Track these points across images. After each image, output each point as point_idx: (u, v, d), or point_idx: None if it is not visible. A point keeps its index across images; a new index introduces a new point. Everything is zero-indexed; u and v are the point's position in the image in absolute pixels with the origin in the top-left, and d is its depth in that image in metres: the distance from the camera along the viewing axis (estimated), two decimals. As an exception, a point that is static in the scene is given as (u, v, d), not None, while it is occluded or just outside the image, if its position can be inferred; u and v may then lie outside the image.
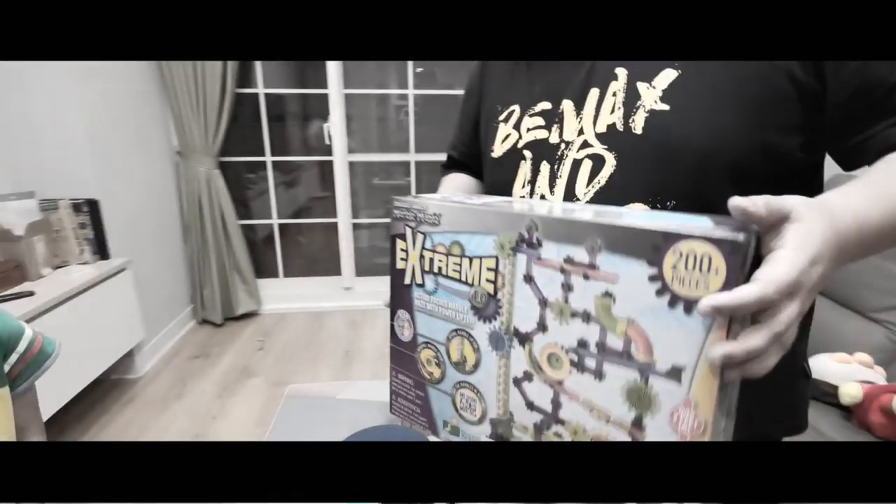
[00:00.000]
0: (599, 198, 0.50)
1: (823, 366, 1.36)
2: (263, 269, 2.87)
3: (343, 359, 2.27)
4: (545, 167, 0.54)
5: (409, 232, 0.49)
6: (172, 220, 2.49)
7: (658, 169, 0.47)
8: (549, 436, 0.41)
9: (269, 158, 2.70)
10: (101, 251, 1.84)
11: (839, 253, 0.35)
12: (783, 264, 0.30)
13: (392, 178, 3.02)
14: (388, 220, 2.74)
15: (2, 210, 1.54)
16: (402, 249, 0.49)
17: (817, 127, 0.46)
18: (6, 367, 0.64)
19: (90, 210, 1.78)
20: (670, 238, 0.32)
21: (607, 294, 0.35)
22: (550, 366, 0.40)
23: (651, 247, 0.33)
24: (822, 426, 1.23)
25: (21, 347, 0.67)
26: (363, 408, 0.72)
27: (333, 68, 2.53)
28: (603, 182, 0.49)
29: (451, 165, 0.79)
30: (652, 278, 0.33)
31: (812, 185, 0.51)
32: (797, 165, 0.48)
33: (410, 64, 2.61)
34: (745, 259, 0.31)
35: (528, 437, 0.43)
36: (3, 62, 1.68)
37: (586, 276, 0.36)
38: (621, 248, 0.34)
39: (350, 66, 2.62)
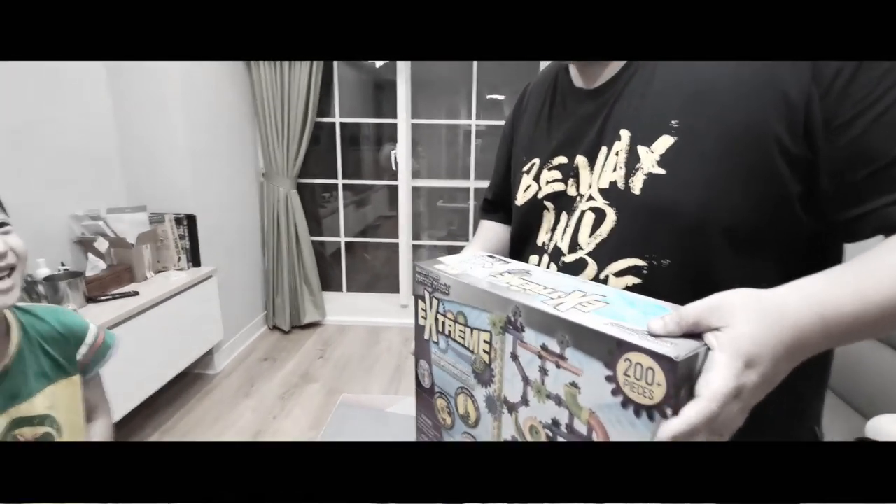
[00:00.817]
0: (600, 249, 0.54)
1: (886, 427, 1.26)
2: (329, 282, 3.09)
3: (394, 373, 2.39)
4: (564, 217, 0.59)
5: (427, 295, 0.53)
6: (254, 234, 2.77)
7: (653, 229, 0.50)
8: None
9: (340, 181, 2.94)
10: (195, 259, 2.11)
11: (794, 348, 0.35)
12: (720, 373, 0.32)
13: (455, 202, 3.15)
14: (447, 242, 2.87)
15: (119, 220, 1.84)
16: (423, 309, 0.54)
17: (818, 195, 0.45)
18: (78, 357, 0.78)
19: (188, 223, 2.06)
20: (622, 346, 0.34)
21: (573, 384, 0.38)
22: (531, 435, 0.44)
23: (607, 350, 0.35)
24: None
25: (89, 340, 0.79)
26: (407, 423, 0.77)
27: (403, 99, 2.72)
28: (604, 235, 0.53)
29: (487, 209, 0.86)
30: (608, 378, 0.35)
31: (828, 250, 0.50)
32: (805, 230, 0.47)
33: (475, 94, 2.75)
34: (688, 372, 0.33)
35: None
36: (133, 95, 2.02)
37: (558, 365, 0.39)
38: (584, 347, 0.37)
39: (418, 96, 2.80)
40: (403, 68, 2.68)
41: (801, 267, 0.47)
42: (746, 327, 0.34)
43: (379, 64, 2.94)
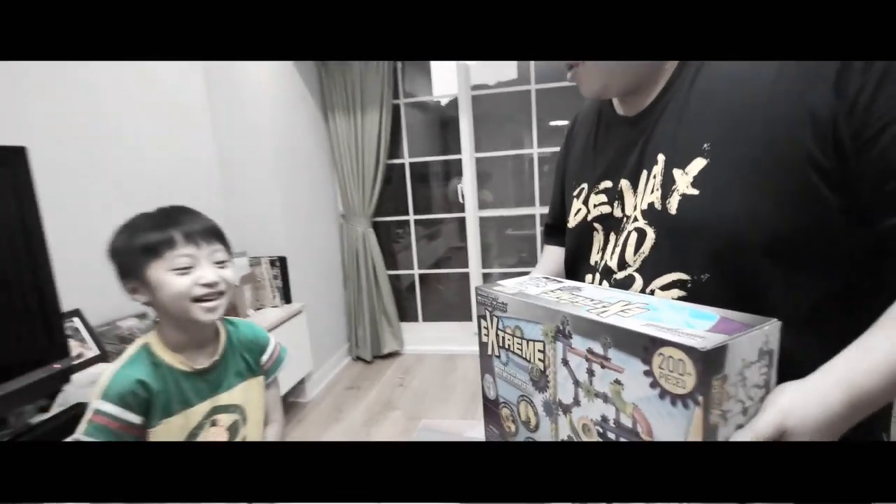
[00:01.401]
0: (645, 265, 0.57)
1: None
2: (406, 313, 3.24)
3: (471, 399, 2.43)
4: (612, 238, 0.63)
5: (488, 314, 0.59)
6: (336, 271, 3.00)
7: (689, 245, 0.53)
8: None
9: (412, 217, 3.11)
10: (286, 297, 2.34)
11: (853, 414, 0.41)
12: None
13: (524, 229, 3.19)
14: (516, 269, 2.90)
15: (226, 266, 2.11)
16: (485, 327, 0.60)
17: (860, 206, 0.46)
18: (261, 362, 0.93)
19: (280, 264, 2.30)
20: (656, 342, 0.38)
21: (617, 382, 0.42)
22: (584, 433, 0.48)
23: (643, 348, 0.39)
24: None
25: (270, 349, 0.94)
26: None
27: (466, 134, 2.86)
28: (647, 252, 0.57)
29: (549, 234, 0.91)
30: (646, 373, 0.39)
31: (871, 260, 0.49)
32: (852, 241, 0.48)
33: (535, 122, 2.82)
34: (716, 362, 0.36)
35: None
36: (234, 157, 2.34)
37: (602, 366, 0.44)
38: (624, 347, 0.41)
39: (482, 130, 2.94)
40: (465, 105, 2.83)
41: (853, 276, 0.48)
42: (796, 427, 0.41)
43: (444, 102, 3.12)
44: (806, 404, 0.41)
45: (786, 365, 0.43)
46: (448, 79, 2.95)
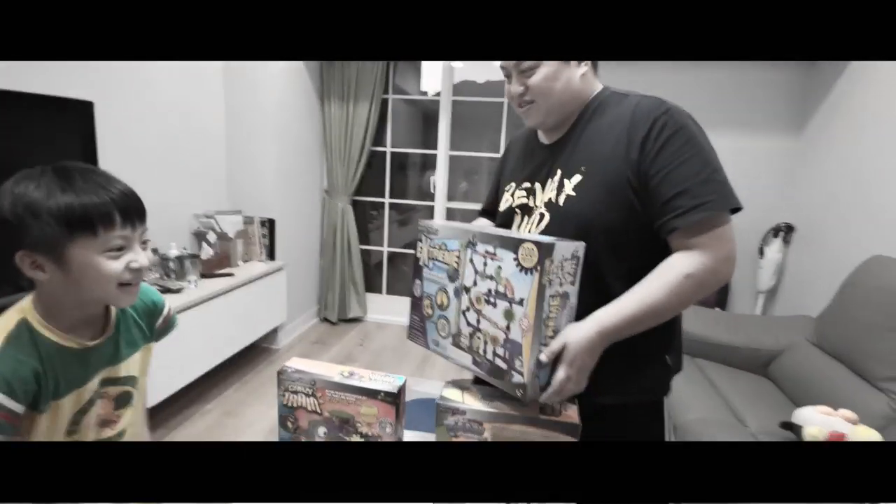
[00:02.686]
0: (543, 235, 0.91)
1: (807, 415, 1.53)
2: (372, 285, 3.61)
3: (421, 363, 2.84)
4: (525, 220, 0.91)
5: (424, 238, 0.85)
6: (315, 239, 3.34)
7: (567, 226, 0.80)
8: (475, 339, 0.77)
9: (387, 200, 3.48)
10: (271, 254, 2.68)
11: (603, 338, 0.71)
12: (560, 367, 0.70)
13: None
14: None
15: (223, 220, 2.43)
16: (420, 247, 0.86)
17: (649, 212, 0.77)
18: (156, 326, 0.84)
19: (269, 225, 2.64)
20: (521, 241, 0.67)
21: (499, 266, 0.70)
22: (477, 302, 0.75)
23: (513, 245, 0.68)
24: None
25: (164, 312, 0.85)
26: (427, 403, 0.95)
27: (443, 133, 3.26)
28: (543, 228, 0.85)
29: (481, 214, 1.17)
30: (514, 259, 0.68)
31: (656, 247, 0.78)
32: (645, 235, 0.78)
33: (504, 130, 3.24)
34: (549, 252, 0.65)
35: (466, 342, 0.78)
36: (241, 125, 2.66)
37: (492, 258, 0.72)
38: (506, 246, 0.69)
39: (460, 131, 3.33)
40: (446, 106, 3.22)
41: (646, 257, 0.78)
42: (574, 346, 0.72)
43: (431, 93, 3.49)
44: (576, 332, 0.72)
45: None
46: (437, 75, 3.30)
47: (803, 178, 2.62)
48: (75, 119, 1.64)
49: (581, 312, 0.76)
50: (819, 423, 1.45)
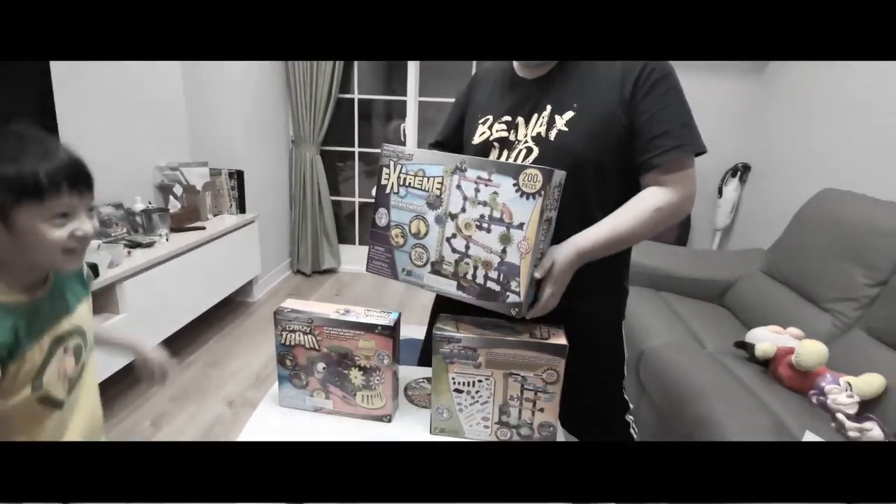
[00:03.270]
0: None
1: (758, 334, 1.67)
2: (345, 236, 3.60)
3: (398, 308, 2.91)
4: (505, 153, 0.90)
5: (392, 164, 0.81)
6: (284, 191, 3.27)
7: (558, 159, 0.80)
8: (462, 265, 0.78)
9: (356, 149, 3.41)
10: (241, 207, 2.62)
11: (580, 259, 0.78)
12: (546, 284, 0.76)
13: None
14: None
15: (189, 172, 2.34)
16: (387, 173, 0.82)
17: (634, 148, 0.83)
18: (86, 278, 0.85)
19: (238, 178, 2.56)
20: (522, 167, 0.69)
21: (495, 192, 0.71)
22: (466, 229, 0.75)
23: (514, 171, 0.70)
24: (741, 376, 1.50)
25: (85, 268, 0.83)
26: (407, 342, 0.94)
27: (412, 79, 3.17)
28: (530, 162, 0.85)
29: (433, 146, 1.10)
30: (514, 185, 0.70)
31: (636, 180, 0.85)
32: (629, 168, 0.84)
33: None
34: (550, 178, 0.68)
35: (450, 269, 0.79)
36: (201, 76, 2.50)
37: (486, 184, 0.72)
38: (503, 172, 0.70)
39: (430, 77, 3.25)
40: (413, 53, 3.12)
41: (629, 189, 0.85)
42: (549, 261, 0.77)
43: None
44: (560, 252, 0.78)
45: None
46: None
47: (761, 120, 2.74)
48: (32, 72, 1.54)
49: (564, 237, 0.81)
50: (770, 340, 1.59)
